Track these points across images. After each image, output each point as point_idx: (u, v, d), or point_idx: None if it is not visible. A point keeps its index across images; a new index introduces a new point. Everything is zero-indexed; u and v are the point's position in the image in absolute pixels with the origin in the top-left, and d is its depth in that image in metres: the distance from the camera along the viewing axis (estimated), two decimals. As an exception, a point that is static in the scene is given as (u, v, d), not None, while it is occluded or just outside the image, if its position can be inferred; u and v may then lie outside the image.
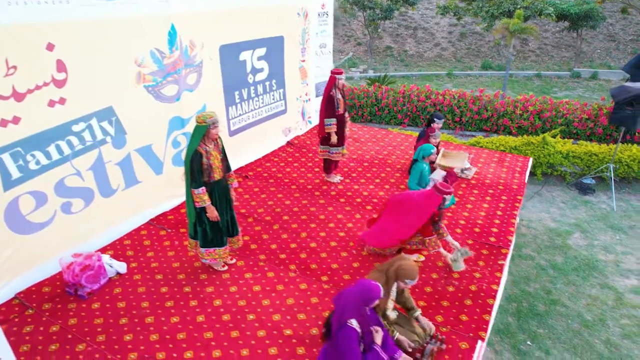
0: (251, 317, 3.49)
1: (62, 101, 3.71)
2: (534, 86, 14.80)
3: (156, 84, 4.57)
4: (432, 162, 5.26)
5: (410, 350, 3.06)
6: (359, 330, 2.74)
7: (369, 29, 16.64)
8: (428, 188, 5.01)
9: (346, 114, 5.38)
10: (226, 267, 4.05)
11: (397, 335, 3.07)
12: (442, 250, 4.01)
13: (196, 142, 3.53)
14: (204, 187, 3.60)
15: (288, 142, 6.85)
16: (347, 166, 6.07)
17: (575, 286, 5.55)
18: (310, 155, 6.35)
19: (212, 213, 3.70)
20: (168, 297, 3.70)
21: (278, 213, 4.95)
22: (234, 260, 4.13)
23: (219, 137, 3.74)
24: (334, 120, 5.15)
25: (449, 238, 4.06)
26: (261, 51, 6.01)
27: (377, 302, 2.74)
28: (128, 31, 4.13)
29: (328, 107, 5.17)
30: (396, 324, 3.21)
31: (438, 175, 5.04)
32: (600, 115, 9.28)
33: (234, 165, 5.91)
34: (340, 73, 5.19)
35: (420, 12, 19.52)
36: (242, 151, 6.04)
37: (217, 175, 3.72)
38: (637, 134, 9.02)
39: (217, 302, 3.64)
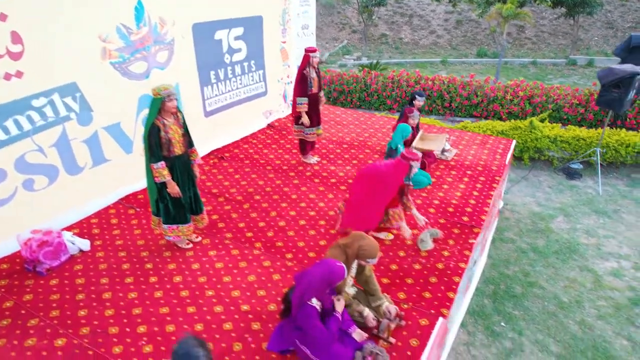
0: (210, 293, 3.43)
1: (19, 74, 3.63)
2: (528, 73, 14.62)
3: (123, 61, 4.48)
4: (407, 144, 5.17)
5: (374, 323, 3.00)
6: (319, 308, 2.69)
7: (363, 16, 16.44)
8: (414, 168, 4.93)
9: (321, 93, 5.28)
10: (191, 245, 3.99)
11: (366, 311, 3.01)
12: (403, 224, 3.93)
13: (153, 115, 3.46)
14: (163, 162, 3.53)
15: (268, 124, 6.77)
16: (325, 148, 5.99)
17: (555, 269, 5.48)
18: (290, 137, 6.26)
19: (173, 189, 3.63)
20: (129, 273, 3.64)
21: (250, 193, 4.88)
22: (199, 239, 4.07)
23: (180, 111, 3.66)
24: (305, 100, 5.06)
25: (415, 211, 3.99)
26: (238, 31, 5.90)
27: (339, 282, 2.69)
28: (90, 5, 4.04)
29: (301, 85, 5.07)
30: (355, 299, 3.15)
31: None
32: (591, 101, 9.15)
33: (210, 146, 5.88)
34: (314, 51, 5.08)
35: (416, 0, 19.29)
36: (219, 132, 5.96)
37: (178, 149, 3.64)
38: (627, 119, 8.90)
39: (178, 279, 3.58)
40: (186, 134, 3.74)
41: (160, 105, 3.45)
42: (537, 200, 7.05)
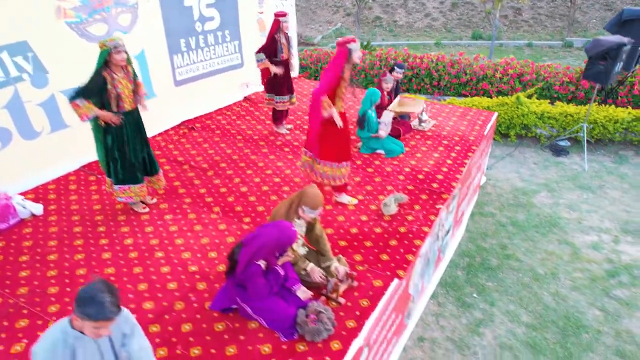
0: (159, 254, 3.31)
1: (-38, 29, 3.48)
2: (523, 55, 14.33)
3: (81, 21, 4.31)
4: (379, 108, 5.01)
5: (321, 279, 2.87)
6: (264, 266, 2.57)
7: (356, -2, 16.14)
8: (382, 132, 4.78)
9: (291, 60, 5.11)
10: (147, 209, 3.86)
11: (309, 266, 2.88)
12: (334, 111, 3.56)
13: (98, 66, 3.30)
14: (87, 99, 3.34)
15: (245, 97, 6.60)
16: (300, 119, 5.83)
17: (533, 242, 5.35)
18: (266, 109, 6.11)
19: (106, 117, 3.41)
20: (79, 236, 3.52)
21: (216, 161, 4.74)
22: (154, 200, 3.94)
23: (130, 66, 3.50)
24: (263, 57, 4.88)
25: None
26: (210, -2, 5.72)
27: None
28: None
29: (270, 48, 4.90)
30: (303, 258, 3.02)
31: (387, 116, 4.79)
32: (582, 79, 8.93)
33: (181, 117, 5.72)
34: (284, 15, 4.90)
35: (411, -18, 18.92)
36: (191, 102, 5.80)
37: (128, 105, 3.50)
38: (618, 97, 8.69)
39: (129, 241, 3.46)
40: (138, 90, 3.58)
41: (107, 57, 3.30)
42: (521, 176, 6.89)
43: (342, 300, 2.85)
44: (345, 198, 3.96)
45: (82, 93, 3.31)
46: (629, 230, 5.50)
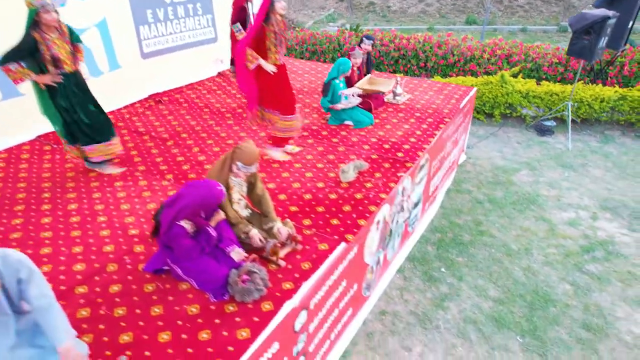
0: (102, 219, 3.18)
1: None
2: (516, 40, 14.09)
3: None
4: (349, 84, 4.86)
5: (261, 244, 2.74)
6: (189, 228, 2.43)
7: (348, -18, 15.88)
8: (341, 104, 4.64)
9: None
10: (119, 170, 3.76)
11: (252, 230, 2.74)
12: (263, 62, 3.62)
13: (27, 27, 3.16)
14: (20, 63, 3.21)
15: (219, 72, 6.44)
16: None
17: (509, 219, 5.20)
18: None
19: (44, 79, 3.30)
20: (21, 202, 3.39)
21: (178, 132, 4.60)
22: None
23: (65, 26, 3.35)
24: (239, 26, 4.73)
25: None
26: (178, -33, 5.54)
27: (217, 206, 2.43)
28: None
29: (239, 15, 4.74)
30: (244, 220, 2.89)
31: (351, 90, 4.64)
32: (571, 59, 8.73)
33: (149, 90, 5.57)
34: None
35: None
36: (160, 76, 5.65)
37: (68, 67, 3.35)
38: (608, 78, 8.49)
39: (73, 206, 3.33)
40: (76, 51, 3.43)
41: (35, 17, 3.15)
42: (503, 155, 6.73)
43: (282, 262, 2.71)
44: (276, 153, 3.95)
45: (13, 56, 3.17)
46: (608, 207, 5.35)
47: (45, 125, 4.46)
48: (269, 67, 3.62)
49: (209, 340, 2.20)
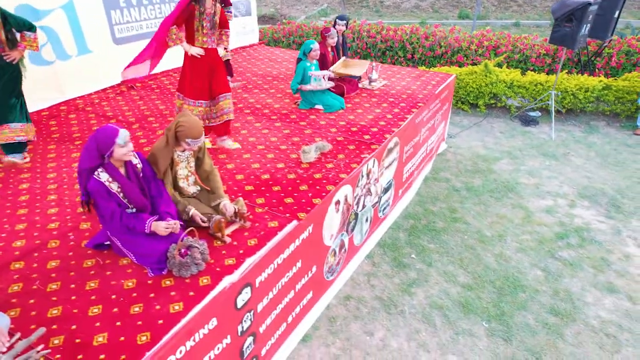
0: (52, 197, 3.11)
1: None
2: (510, 34, 14.00)
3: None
4: (323, 66, 4.78)
5: (203, 223, 2.66)
6: (105, 181, 2.32)
7: (340, -24, 15.78)
8: (309, 85, 4.56)
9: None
10: (27, 159, 3.66)
11: (192, 210, 2.66)
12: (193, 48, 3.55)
13: None
14: None
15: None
16: (250, 81, 5.60)
17: (485, 206, 5.12)
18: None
19: None
20: (-26, 182, 3.33)
21: (145, 116, 4.53)
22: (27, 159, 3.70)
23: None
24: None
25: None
26: (151, -49, 5.46)
27: (115, 148, 2.28)
28: None
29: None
30: (195, 199, 2.82)
31: (321, 72, 4.56)
32: (559, 50, 8.64)
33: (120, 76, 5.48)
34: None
35: (400, -38, 18.52)
36: (133, 63, 5.56)
37: None
38: (596, 69, 8.40)
39: (24, 186, 3.26)
40: (11, 40, 3.36)
41: None
42: (485, 144, 6.65)
43: (228, 239, 2.64)
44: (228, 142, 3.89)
45: None
46: (586, 195, 5.27)
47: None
48: (194, 50, 3.49)
49: (140, 314, 2.13)
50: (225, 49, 3.84)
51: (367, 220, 4.14)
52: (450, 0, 17.04)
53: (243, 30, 7.38)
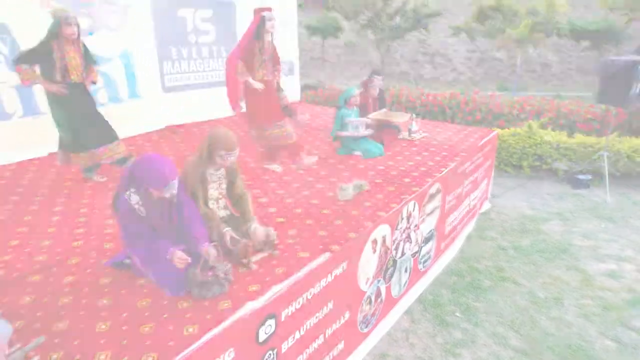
0: (82, 219, 3.05)
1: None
2: (551, 106, 13.88)
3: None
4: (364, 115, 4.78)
5: (231, 247, 2.48)
6: (136, 204, 2.23)
7: (380, 50, 16.60)
8: (347, 132, 4.51)
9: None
10: (105, 178, 3.73)
11: (225, 229, 2.51)
12: None
13: (47, 36, 3.36)
14: (31, 65, 3.38)
15: (243, 112, 6.54)
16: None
17: (536, 266, 4.65)
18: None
19: (51, 87, 3.44)
20: (11, 203, 3.35)
21: (185, 155, 4.57)
22: (104, 179, 3.78)
23: (82, 42, 3.52)
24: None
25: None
26: (206, 13, 5.91)
27: (157, 192, 2.18)
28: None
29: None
30: (223, 223, 2.66)
31: (359, 120, 4.52)
32: (608, 115, 8.35)
33: (167, 122, 5.70)
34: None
35: (439, 39, 19.37)
36: (179, 110, 5.80)
37: (75, 77, 3.48)
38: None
39: (58, 208, 3.24)
40: (88, 64, 3.58)
41: (57, 29, 3.35)
42: (531, 204, 6.24)
43: (253, 266, 2.43)
44: (273, 166, 4.07)
45: (27, 57, 3.35)
46: (655, 260, 4.70)
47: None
48: (257, 85, 3.79)
49: (150, 334, 1.91)
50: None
51: (406, 270, 3.81)
52: (488, 75, 17.37)
53: (285, 88, 7.64)
